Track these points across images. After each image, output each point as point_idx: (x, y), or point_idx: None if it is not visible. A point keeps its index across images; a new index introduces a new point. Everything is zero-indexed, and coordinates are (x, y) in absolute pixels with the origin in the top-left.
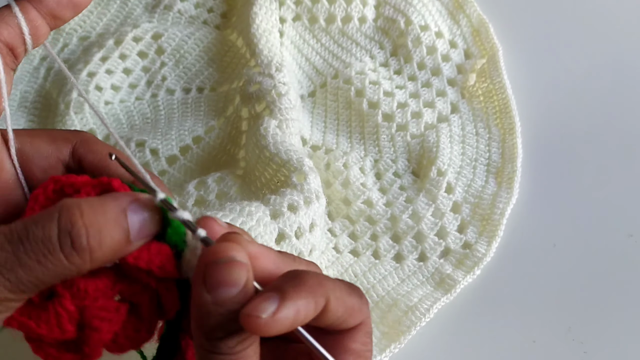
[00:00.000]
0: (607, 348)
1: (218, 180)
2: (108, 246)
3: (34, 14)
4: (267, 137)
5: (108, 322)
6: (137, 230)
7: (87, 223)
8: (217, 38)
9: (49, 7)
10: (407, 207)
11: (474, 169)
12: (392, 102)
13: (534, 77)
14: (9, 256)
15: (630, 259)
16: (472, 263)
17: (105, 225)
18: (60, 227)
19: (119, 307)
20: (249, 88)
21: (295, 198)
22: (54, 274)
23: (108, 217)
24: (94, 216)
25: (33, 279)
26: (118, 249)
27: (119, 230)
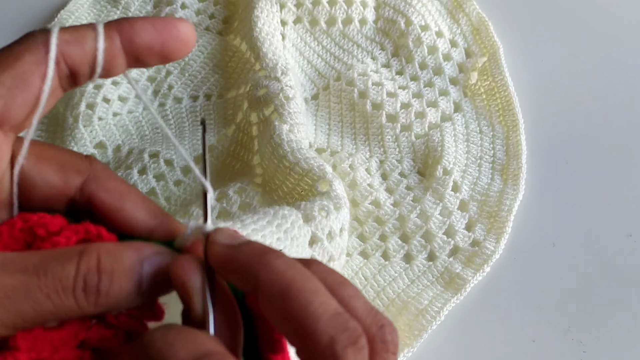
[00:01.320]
0: (606, 348)
1: (239, 191)
2: (116, 294)
3: (116, 48)
4: (283, 145)
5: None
6: (148, 284)
7: (102, 269)
8: (221, 44)
9: (136, 48)
10: (414, 207)
11: (480, 167)
12: (395, 103)
13: (535, 73)
14: (18, 286)
15: (629, 258)
16: (481, 260)
17: (118, 273)
18: (77, 270)
19: (82, 356)
20: (256, 92)
21: (325, 203)
22: (57, 312)
23: (123, 263)
24: (109, 263)
25: (34, 314)
26: (126, 300)
27: (131, 281)
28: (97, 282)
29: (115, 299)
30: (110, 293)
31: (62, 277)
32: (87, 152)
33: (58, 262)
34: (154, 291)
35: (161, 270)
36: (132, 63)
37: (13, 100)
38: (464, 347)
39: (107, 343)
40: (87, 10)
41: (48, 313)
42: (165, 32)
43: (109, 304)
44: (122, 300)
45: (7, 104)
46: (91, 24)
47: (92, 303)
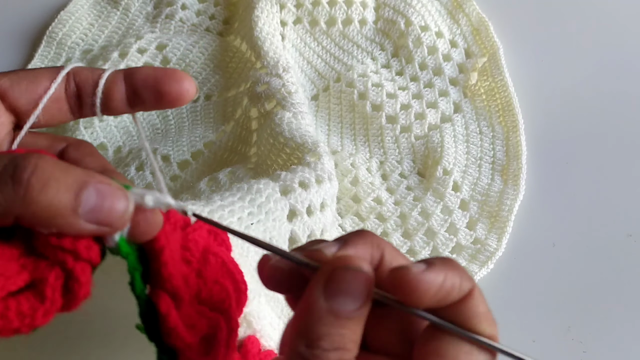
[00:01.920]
0: (606, 347)
1: (229, 174)
2: (48, 198)
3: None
4: (282, 124)
5: (4, 278)
6: (88, 209)
7: (40, 165)
8: (221, 45)
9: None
10: (415, 205)
11: (480, 167)
12: (395, 104)
13: (535, 74)
14: None
15: (629, 258)
16: (485, 257)
17: (57, 178)
18: (12, 159)
19: (20, 271)
20: (257, 88)
21: (306, 175)
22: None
23: (67, 177)
24: (52, 167)
25: None
26: (57, 211)
27: (68, 193)
28: (30, 174)
29: (46, 203)
30: (42, 192)
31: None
32: None
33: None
34: (92, 217)
35: (107, 198)
36: (131, 96)
37: (19, 83)
38: None
39: (43, 273)
40: (87, 11)
41: None
42: (162, 72)
43: (39, 205)
44: (54, 210)
45: (13, 85)
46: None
47: (20, 195)
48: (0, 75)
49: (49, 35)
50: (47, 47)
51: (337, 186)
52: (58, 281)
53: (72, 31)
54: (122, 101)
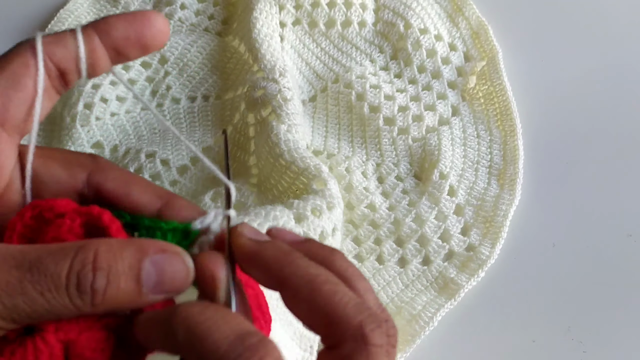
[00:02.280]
0: (606, 348)
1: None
2: (113, 294)
3: (97, 44)
4: (280, 144)
5: (100, 352)
6: (152, 284)
7: (97, 266)
8: (220, 45)
9: (114, 41)
10: (410, 211)
11: (476, 172)
12: (393, 106)
13: (534, 78)
14: (12, 281)
15: (629, 258)
16: (476, 266)
17: (114, 272)
18: (71, 267)
19: (108, 336)
20: (254, 94)
21: (318, 203)
22: (53, 310)
23: (122, 262)
24: (106, 260)
25: (30, 311)
26: (127, 300)
27: (130, 280)
28: (91, 281)
29: (113, 299)
30: (107, 293)
31: (54, 274)
32: (85, 152)
33: (52, 259)
34: (158, 290)
35: (165, 268)
36: (115, 57)
37: (10, 100)
38: (465, 347)
39: (123, 330)
40: (87, 10)
41: (43, 310)
42: (138, 23)
43: (107, 304)
44: (121, 300)
45: (5, 104)
46: (70, 29)
47: (88, 303)
48: None
49: None
50: None
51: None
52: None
53: None
54: (106, 63)
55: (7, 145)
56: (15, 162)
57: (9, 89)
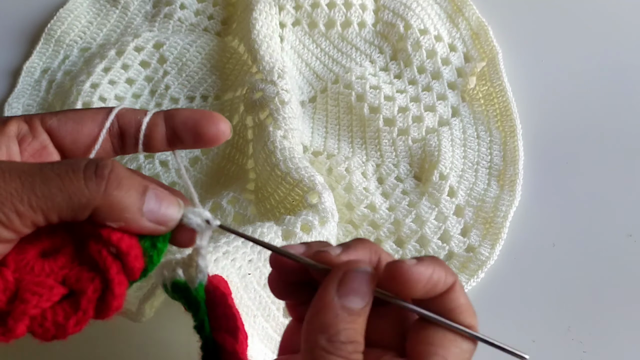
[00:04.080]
0: (606, 348)
1: (232, 201)
2: (123, 194)
3: (159, 121)
4: (276, 152)
5: (38, 296)
6: (150, 208)
7: (115, 166)
8: (219, 45)
9: (175, 123)
10: (410, 211)
11: (476, 172)
12: (393, 107)
13: (533, 79)
14: (33, 167)
15: (629, 258)
16: (475, 266)
17: (128, 179)
18: (90, 159)
19: (54, 286)
20: (253, 96)
21: (309, 219)
22: (65, 192)
23: (134, 180)
24: (123, 170)
25: (45, 191)
26: (129, 207)
27: (137, 193)
28: (109, 171)
29: (120, 198)
30: (118, 186)
31: (72, 163)
32: None
33: (72, 159)
34: (153, 216)
35: (164, 203)
36: (171, 138)
37: (66, 123)
38: None
39: (83, 285)
40: (86, 9)
41: (57, 191)
42: (201, 116)
43: (114, 199)
44: (126, 203)
45: (60, 126)
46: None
47: (102, 188)
48: (51, 115)
49: (48, 32)
50: (46, 44)
51: (337, 218)
52: (95, 294)
53: (71, 29)
54: (162, 141)
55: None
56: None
57: (70, 119)
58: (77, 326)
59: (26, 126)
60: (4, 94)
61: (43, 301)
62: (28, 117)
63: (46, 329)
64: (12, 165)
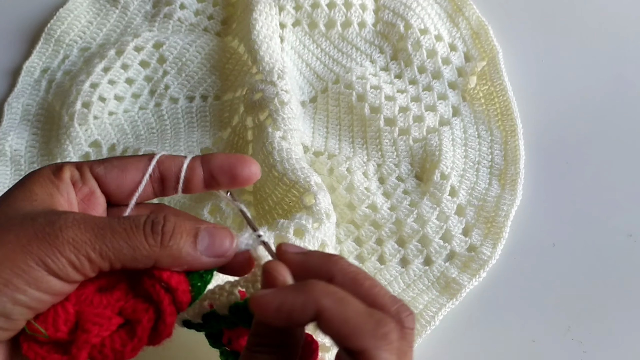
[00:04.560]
0: (606, 348)
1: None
2: (177, 242)
3: (197, 165)
4: (274, 153)
5: (99, 326)
6: (205, 246)
7: (167, 218)
8: (219, 45)
9: (211, 166)
10: (411, 211)
11: (477, 172)
12: (393, 107)
13: (534, 78)
14: (103, 221)
15: (629, 258)
16: (477, 266)
17: (179, 226)
18: (148, 216)
19: (112, 317)
20: (252, 97)
21: (303, 222)
22: (130, 245)
23: (184, 223)
24: (172, 218)
25: (114, 244)
26: (186, 252)
27: (189, 236)
28: (162, 225)
29: (176, 247)
30: (172, 237)
31: (135, 219)
32: (82, 150)
33: (133, 216)
34: (209, 252)
35: (214, 238)
36: (208, 181)
37: (111, 171)
38: (465, 346)
39: (138, 316)
40: (86, 9)
41: (124, 244)
42: (235, 160)
43: (172, 249)
44: (182, 251)
45: (106, 173)
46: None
47: (159, 242)
48: (98, 163)
49: (47, 32)
50: (45, 44)
51: (335, 219)
52: (149, 323)
53: (71, 29)
54: (200, 183)
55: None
56: (104, 210)
57: (115, 167)
58: (133, 352)
59: (77, 173)
60: (4, 94)
61: (103, 330)
62: (79, 165)
63: (105, 355)
64: (86, 218)
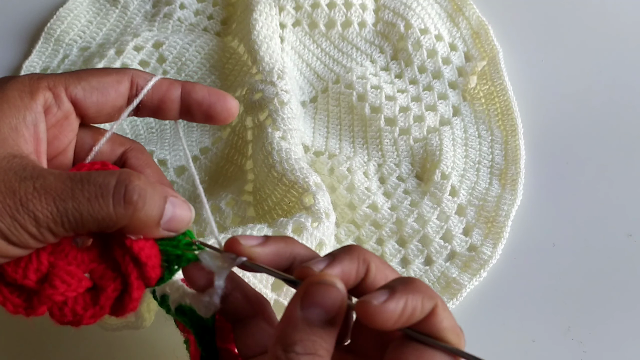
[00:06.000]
0: (606, 347)
1: (231, 202)
2: (146, 214)
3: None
4: (273, 154)
5: (67, 285)
6: (167, 219)
7: (141, 186)
8: (218, 45)
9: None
10: (412, 211)
11: (478, 172)
12: (394, 106)
13: (534, 78)
14: (66, 189)
15: (629, 258)
16: (478, 266)
17: (151, 197)
18: (118, 179)
19: (82, 279)
20: (252, 97)
21: (302, 220)
22: (95, 217)
23: (155, 192)
24: (146, 185)
25: (77, 215)
26: (149, 223)
27: (158, 208)
28: (137, 196)
29: (142, 219)
30: (143, 210)
31: (102, 184)
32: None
33: (100, 174)
34: (169, 226)
35: (178, 210)
36: (184, 112)
37: (91, 94)
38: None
39: (105, 283)
40: (86, 9)
41: (87, 217)
42: (215, 97)
43: (137, 222)
44: (145, 223)
45: (85, 97)
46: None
47: (129, 214)
48: (74, 81)
49: (47, 32)
50: (45, 43)
51: (335, 219)
52: (114, 293)
53: (71, 28)
54: (175, 110)
55: (74, 124)
56: (75, 135)
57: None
58: (92, 319)
59: (52, 96)
60: None
61: (70, 291)
62: (52, 84)
63: (64, 314)
64: (46, 186)
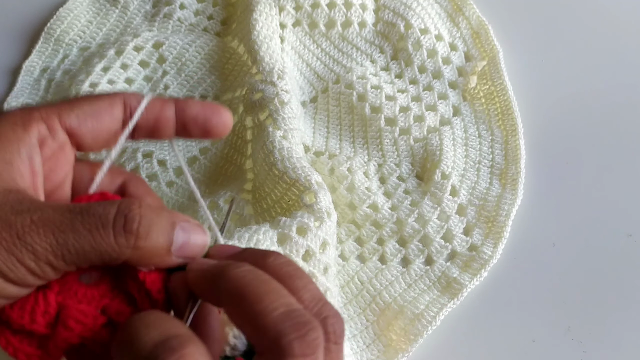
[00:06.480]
0: (606, 348)
1: (229, 200)
2: (152, 243)
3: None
4: (275, 152)
5: (82, 325)
6: (179, 246)
7: (142, 214)
8: (218, 45)
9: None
10: (412, 211)
11: (478, 171)
12: (394, 106)
13: (534, 78)
14: (65, 221)
15: (629, 258)
16: (478, 265)
17: (156, 224)
18: (119, 209)
19: (97, 316)
20: (252, 96)
21: (305, 220)
22: (96, 249)
23: (160, 219)
24: (149, 212)
25: (78, 248)
26: (158, 252)
27: (165, 235)
28: (138, 224)
29: (150, 246)
30: (147, 238)
31: (102, 215)
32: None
33: (100, 205)
34: (182, 253)
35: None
36: (179, 129)
37: (86, 122)
38: (466, 346)
39: (121, 318)
40: (86, 9)
41: (88, 249)
42: (210, 111)
43: (143, 252)
44: (153, 253)
45: (81, 125)
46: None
47: (131, 244)
48: (67, 110)
49: (47, 31)
50: (45, 43)
51: (336, 218)
52: None
53: (70, 28)
54: (171, 129)
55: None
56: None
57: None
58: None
59: (45, 128)
60: (3, 93)
61: (86, 330)
62: (45, 115)
63: (81, 355)
64: (45, 219)
